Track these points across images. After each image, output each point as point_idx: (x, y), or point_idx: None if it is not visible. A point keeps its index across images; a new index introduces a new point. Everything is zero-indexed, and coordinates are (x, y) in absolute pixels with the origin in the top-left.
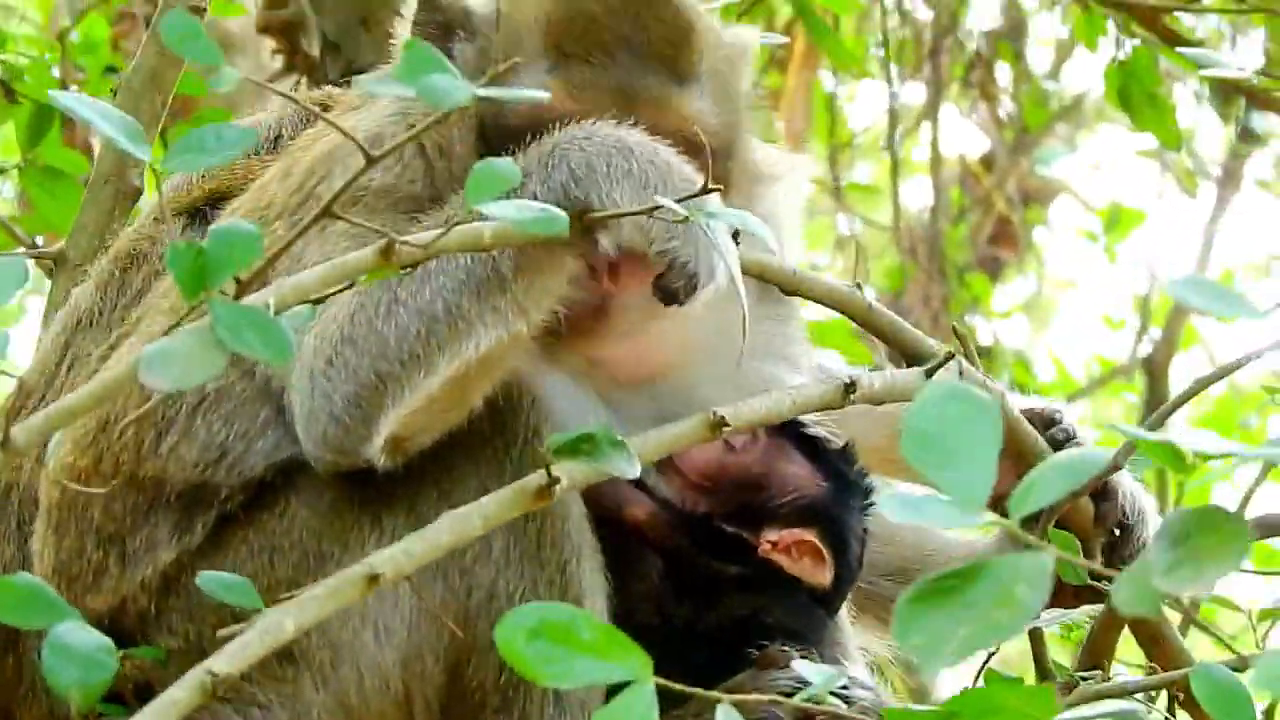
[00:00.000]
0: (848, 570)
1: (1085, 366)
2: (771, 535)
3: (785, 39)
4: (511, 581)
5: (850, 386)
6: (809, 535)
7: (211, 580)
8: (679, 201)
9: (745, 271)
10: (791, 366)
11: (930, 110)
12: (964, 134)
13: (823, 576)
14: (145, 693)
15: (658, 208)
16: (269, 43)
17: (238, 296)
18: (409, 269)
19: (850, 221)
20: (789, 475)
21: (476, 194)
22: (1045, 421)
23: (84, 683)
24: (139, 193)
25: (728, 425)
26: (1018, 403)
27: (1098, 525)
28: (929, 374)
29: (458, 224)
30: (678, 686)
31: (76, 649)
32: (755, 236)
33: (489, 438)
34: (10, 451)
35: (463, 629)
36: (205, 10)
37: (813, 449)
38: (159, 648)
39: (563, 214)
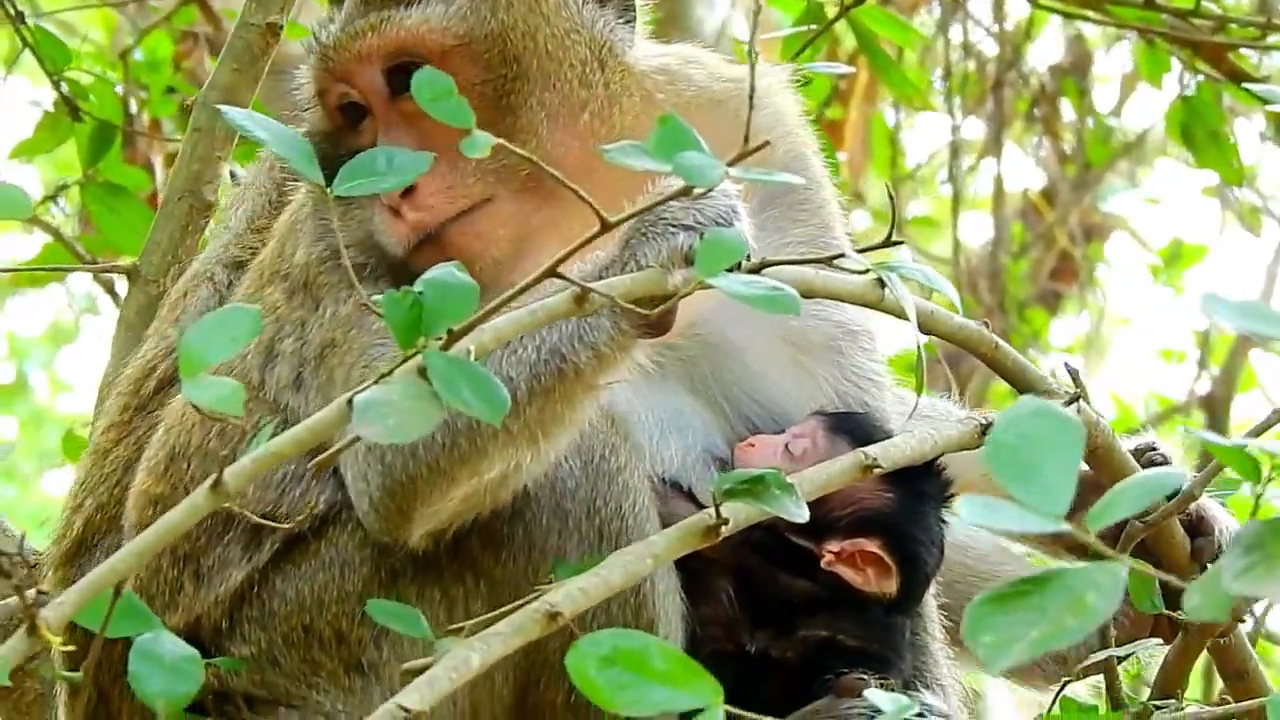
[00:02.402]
0: (918, 579)
1: (1144, 403)
2: (834, 546)
3: (849, 69)
4: None
5: (987, 427)
6: (871, 545)
7: (379, 609)
8: (861, 251)
9: (889, 312)
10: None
11: (993, 144)
12: (1025, 169)
13: (889, 586)
14: (223, 701)
15: (839, 255)
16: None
17: (446, 346)
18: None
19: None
20: (851, 485)
21: (708, 266)
22: (1138, 453)
23: (169, 692)
24: (212, 209)
25: (880, 467)
26: None
27: (1193, 560)
28: None
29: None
30: (750, 716)
31: (163, 658)
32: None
33: (564, 450)
34: (221, 494)
35: (534, 649)
36: (281, 29)
37: None
38: (234, 658)
39: (794, 292)
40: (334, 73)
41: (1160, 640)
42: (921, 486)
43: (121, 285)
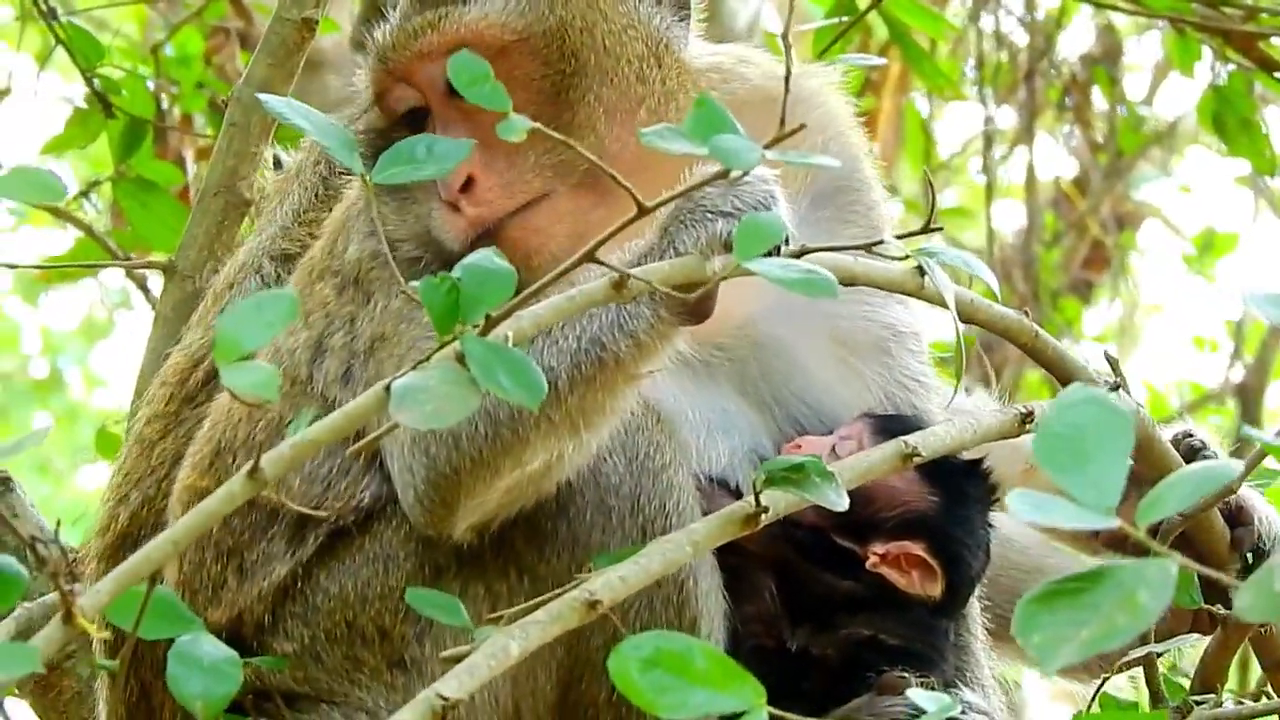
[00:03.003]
0: (963, 582)
1: (1177, 390)
2: (879, 548)
3: (882, 60)
4: (628, 598)
5: (1027, 416)
6: (916, 548)
7: (419, 598)
8: (900, 238)
9: (928, 300)
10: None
11: (1025, 134)
12: (1057, 158)
13: (933, 589)
14: (263, 699)
15: (879, 242)
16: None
17: (484, 332)
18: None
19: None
20: (896, 487)
21: (745, 250)
22: (1176, 439)
23: (208, 694)
24: (248, 205)
25: (920, 455)
26: None
27: (1233, 550)
28: None
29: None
30: (791, 717)
31: (202, 660)
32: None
33: (608, 449)
34: (258, 481)
35: (576, 645)
36: (317, 24)
37: (925, 463)
38: (275, 653)
39: (830, 275)
40: (394, 72)
41: (1200, 634)
42: (967, 489)
43: (155, 281)
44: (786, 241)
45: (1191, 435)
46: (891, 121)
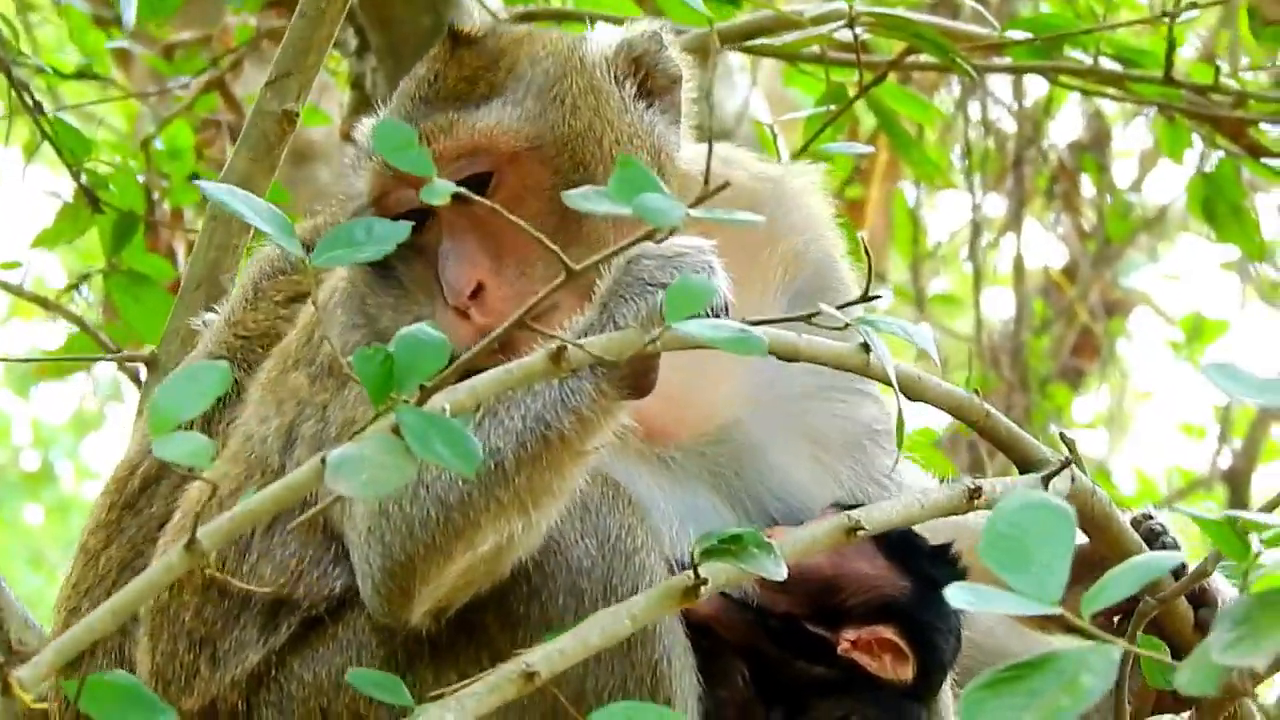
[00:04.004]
0: (935, 665)
1: (1166, 477)
2: (850, 634)
3: (869, 149)
4: (601, 679)
5: (975, 492)
6: (887, 632)
7: (361, 678)
8: (840, 308)
9: (873, 377)
10: (861, 428)
11: (1013, 221)
12: (1046, 245)
13: (905, 672)
14: None
15: (817, 313)
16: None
17: (420, 402)
18: None
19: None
20: (865, 573)
21: (675, 312)
22: (1135, 522)
23: None
24: None
25: (863, 529)
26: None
27: (1197, 631)
28: (1045, 481)
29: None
30: None
31: None
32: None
33: (580, 532)
34: (195, 554)
35: None
36: (298, 116)
37: (893, 548)
38: None
39: (761, 336)
40: (400, 176)
41: (1169, 715)
42: (936, 573)
43: (145, 374)
44: (727, 312)
45: (1151, 518)
46: (880, 209)
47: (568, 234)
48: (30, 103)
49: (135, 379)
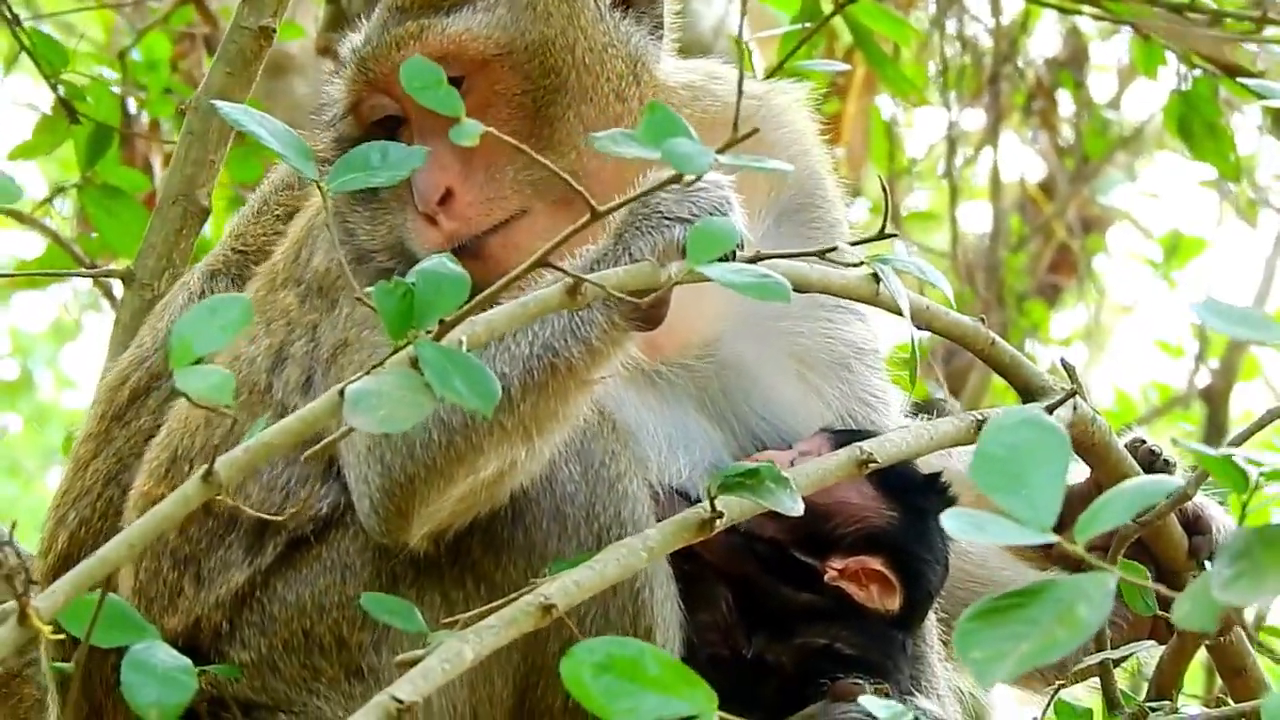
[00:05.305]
0: (921, 596)
1: (1143, 393)
2: (838, 562)
3: (846, 66)
4: (583, 606)
5: (983, 423)
6: (875, 562)
7: (375, 603)
8: (855, 244)
9: (883, 307)
10: (855, 351)
11: (990, 137)
12: (1023, 161)
13: (891, 603)
14: (218, 708)
15: (833, 249)
16: (328, 65)
17: (438, 337)
18: None
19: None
20: (855, 503)
21: (698, 255)
22: (1132, 446)
23: (162, 702)
24: (206, 213)
25: (875, 461)
26: None
27: (1190, 557)
28: (1049, 410)
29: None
30: None
31: (157, 668)
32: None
33: (564, 457)
34: (213, 485)
35: (533, 651)
36: (275, 32)
37: (883, 477)
38: (232, 662)
39: (784, 280)
40: (373, 81)
41: (1155, 641)
42: (925, 503)
43: (119, 288)
44: (741, 247)
45: (1145, 441)
46: (857, 126)
47: (539, 140)
48: (9, 15)
49: (109, 294)
